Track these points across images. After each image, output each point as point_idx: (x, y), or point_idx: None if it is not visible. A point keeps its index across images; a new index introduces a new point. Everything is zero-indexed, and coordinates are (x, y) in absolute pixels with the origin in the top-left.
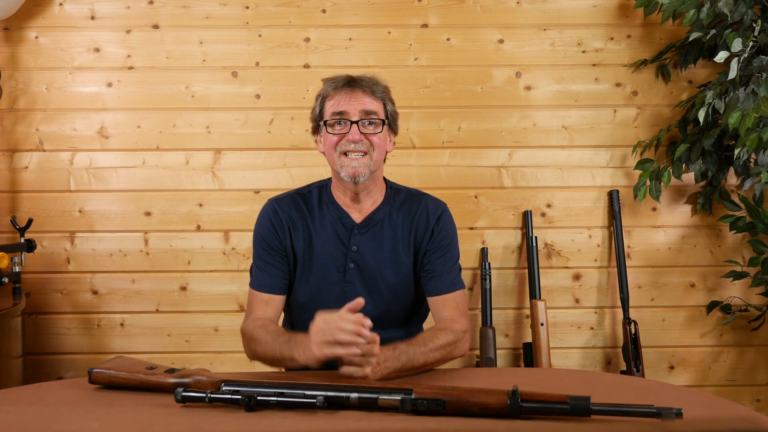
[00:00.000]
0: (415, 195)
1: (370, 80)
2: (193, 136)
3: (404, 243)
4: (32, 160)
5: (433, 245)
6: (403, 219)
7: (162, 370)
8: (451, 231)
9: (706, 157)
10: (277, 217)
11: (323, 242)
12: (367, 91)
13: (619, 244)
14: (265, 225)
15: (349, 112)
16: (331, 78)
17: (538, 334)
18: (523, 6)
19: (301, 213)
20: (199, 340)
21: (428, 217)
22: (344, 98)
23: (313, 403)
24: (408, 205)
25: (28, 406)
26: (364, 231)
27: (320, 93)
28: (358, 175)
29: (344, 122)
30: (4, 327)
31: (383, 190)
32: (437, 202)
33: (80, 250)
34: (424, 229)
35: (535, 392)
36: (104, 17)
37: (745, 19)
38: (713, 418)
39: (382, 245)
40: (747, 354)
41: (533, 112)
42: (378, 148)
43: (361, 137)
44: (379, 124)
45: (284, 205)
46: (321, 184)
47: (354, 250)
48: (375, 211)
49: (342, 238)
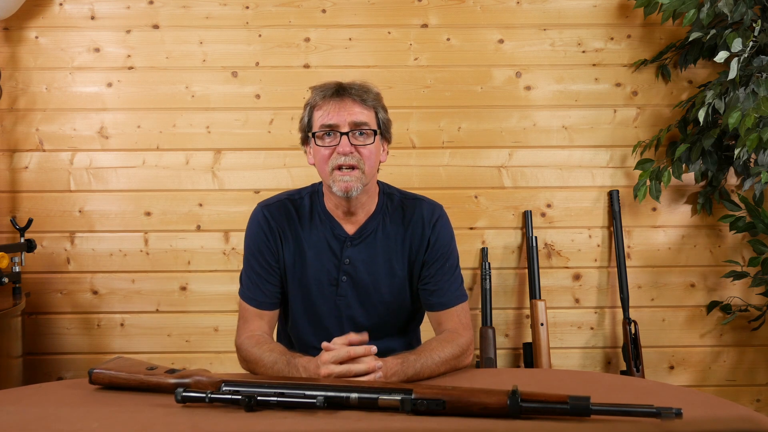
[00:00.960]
0: (409, 199)
1: (361, 88)
2: (193, 136)
3: (398, 252)
4: (32, 160)
5: (430, 256)
6: (397, 227)
7: (162, 370)
8: (448, 237)
9: (706, 157)
10: (269, 226)
11: (315, 254)
12: (357, 100)
13: (619, 244)
14: (258, 234)
15: (339, 124)
16: (320, 86)
17: (538, 334)
18: (523, 6)
19: (291, 222)
20: (199, 340)
21: (423, 225)
22: (333, 108)
23: (313, 403)
24: (401, 212)
25: (28, 407)
26: (356, 243)
27: (308, 102)
28: (350, 189)
29: (334, 134)
30: (4, 327)
31: (376, 199)
32: (432, 207)
33: (80, 250)
34: (419, 238)
35: (535, 392)
36: (104, 17)
37: (745, 19)
38: (713, 418)
39: (375, 257)
40: (747, 354)
41: (533, 112)
42: (368, 161)
43: (352, 149)
44: (371, 135)
45: (275, 211)
46: (313, 190)
47: (347, 262)
48: (368, 221)
49: (334, 250)
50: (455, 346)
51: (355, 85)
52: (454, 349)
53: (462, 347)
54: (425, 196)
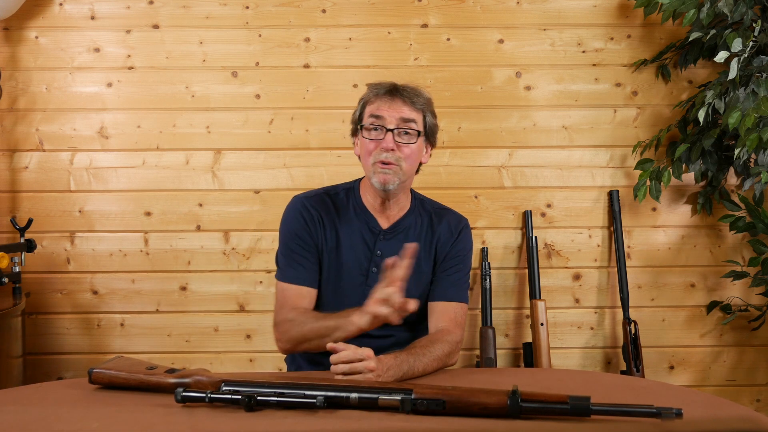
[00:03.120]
0: (438, 208)
1: (413, 91)
2: (193, 136)
3: (426, 253)
4: (32, 160)
5: (447, 258)
6: (427, 230)
7: (162, 370)
8: (468, 246)
9: (706, 157)
10: (309, 213)
11: (350, 245)
12: (407, 101)
13: (619, 244)
14: (297, 219)
15: (386, 119)
16: (375, 84)
17: (538, 334)
18: (523, 6)
19: (329, 212)
20: (199, 340)
21: (450, 231)
22: (384, 105)
23: (313, 403)
24: (432, 217)
25: (28, 406)
26: (390, 237)
27: (363, 97)
28: (387, 182)
29: (380, 129)
30: (4, 327)
31: (410, 198)
32: (460, 217)
33: (80, 250)
34: (444, 242)
35: (535, 392)
36: (104, 17)
37: (745, 19)
38: (713, 418)
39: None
40: (747, 354)
41: (533, 112)
42: (408, 159)
43: (394, 146)
44: (414, 135)
45: (314, 202)
46: (348, 187)
47: (378, 254)
48: (402, 218)
49: (368, 243)
50: (445, 344)
51: (409, 87)
52: (444, 347)
53: (451, 345)
54: (450, 208)
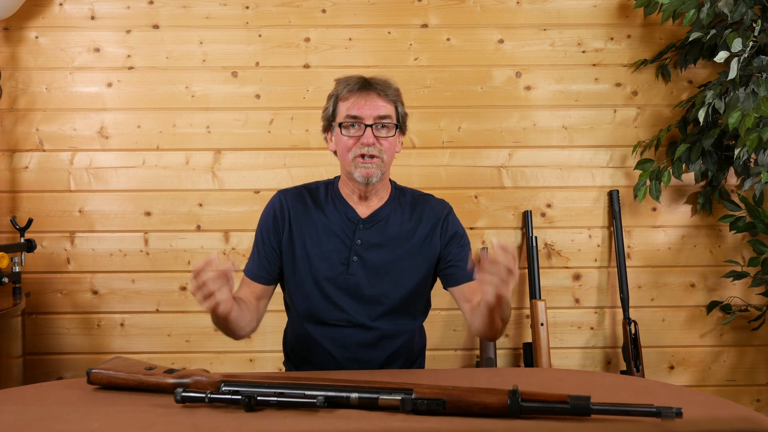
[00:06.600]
0: (419, 196)
1: (384, 83)
2: (193, 136)
3: (408, 241)
4: (32, 160)
5: (448, 244)
6: (409, 220)
7: (161, 370)
8: (460, 225)
9: (706, 157)
10: (280, 208)
11: (327, 235)
12: (381, 94)
13: (619, 244)
14: (267, 213)
15: (364, 117)
16: (345, 78)
17: (538, 334)
18: (523, 6)
19: (306, 205)
20: (199, 340)
21: (436, 215)
22: (359, 101)
23: (313, 403)
24: (413, 205)
25: (28, 406)
26: (368, 226)
27: (333, 93)
28: (371, 176)
29: (358, 125)
30: (4, 327)
31: (389, 189)
32: (443, 202)
33: (80, 250)
34: (431, 226)
35: (535, 392)
36: (104, 17)
37: (745, 19)
38: (713, 418)
39: (386, 241)
40: (747, 354)
41: (533, 112)
42: (388, 151)
43: (374, 141)
44: (392, 128)
45: (290, 196)
46: (327, 182)
47: (358, 243)
48: (381, 207)
49: (347, 232)
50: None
51: (379, 80)
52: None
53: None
54: (431, 194)
